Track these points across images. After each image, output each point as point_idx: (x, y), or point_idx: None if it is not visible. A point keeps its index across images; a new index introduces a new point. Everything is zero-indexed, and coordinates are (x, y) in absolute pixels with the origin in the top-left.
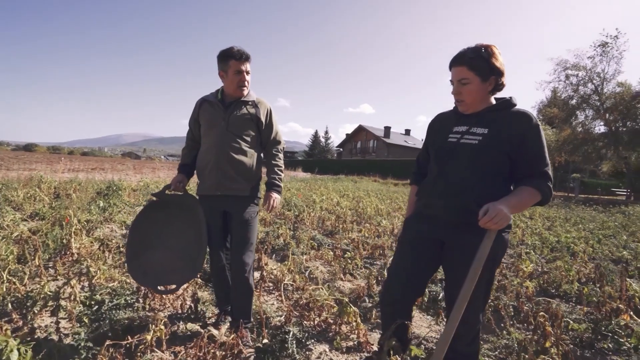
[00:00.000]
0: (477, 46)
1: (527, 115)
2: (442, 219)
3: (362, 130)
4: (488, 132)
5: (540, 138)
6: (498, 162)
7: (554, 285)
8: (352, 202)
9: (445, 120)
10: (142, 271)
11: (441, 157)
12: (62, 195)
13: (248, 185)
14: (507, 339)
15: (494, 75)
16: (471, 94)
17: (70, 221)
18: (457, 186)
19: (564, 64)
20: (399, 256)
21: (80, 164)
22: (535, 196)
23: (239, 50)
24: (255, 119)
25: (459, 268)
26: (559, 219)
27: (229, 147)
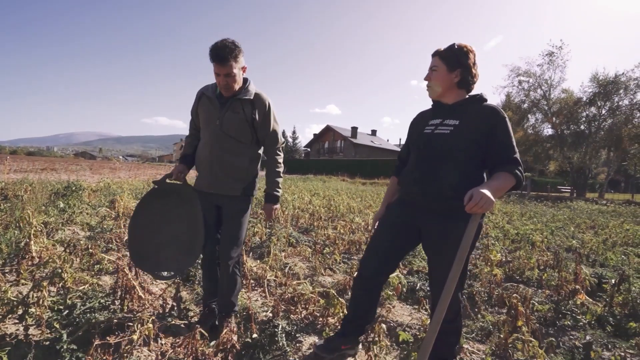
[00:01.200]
0: (454, 43)
1: (495, 109)
2: (421, 206)
3: (329, 131)
4: (459, 123)
5: (507, 129)
6: (469, 151)
7: (518, 272)
8: (323, 200)
9: (424, 117)
10: (141, 256)
11: (418, 147)
12: (11, 196)
13: (239, 185)
14: (482, 322)
15: (460, 69)
16: (437, 80)
17: (28, 222)
18: (432, 174)
19: (517, 70)
20: (378, 236)
21: (27, 164)
22: (510, 180)
23: (216, 50)
24: (250, 118)
25: (439, 252)
26: (515, 214)
27: (221, 148)
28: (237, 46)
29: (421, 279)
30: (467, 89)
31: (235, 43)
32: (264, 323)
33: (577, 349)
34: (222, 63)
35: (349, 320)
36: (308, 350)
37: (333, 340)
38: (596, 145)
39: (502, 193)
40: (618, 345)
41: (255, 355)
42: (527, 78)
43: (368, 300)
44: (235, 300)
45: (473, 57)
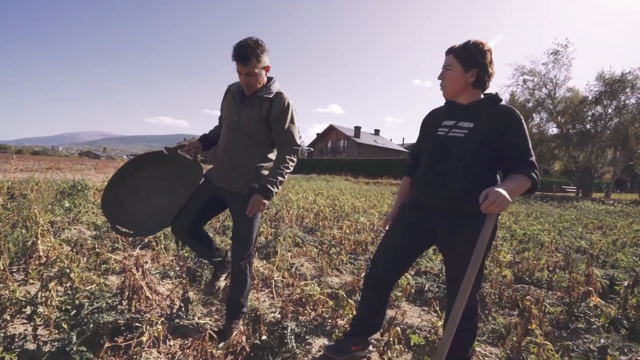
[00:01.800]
0: (469, 40)
1: (510, 111)
2: (434, 207)
3: (332, 130)
4: (474, 125)
5: (523, 131)
6: (483, 154)
7: (527, 273)
8: (327, 200)
9: (436, 116)
10: (112, 207)
11: (431, 149)
12: (17, 195)
13: (246, 184)
14: (494, 324)
15: (476, 68)
16: (451, 80)
17: (35, 221)
18: (446, 177)
19: (521, 69)
20: (389, 235)
21: (33, 164)
22: (526, 183)
23: (236, 49)
24: (265, 117)
25: (454, 252)
26: (521, 214)
27: (234, 143)
28: (259, 45)
29: (429, 280)
30: (483, 88)
31: (258, 42)
32: (273, 324)
33: (592, 353)
34: (243, 62)
35: (359, 320)
36: (318, 352)
37: (343, 342)
38: (602, 145)
39: (517, 195)
40: (634, 348)
41: (264, 357)
42: (531, 77)
43: (378, 301)
44: (244, 301)
45: (490, 55)
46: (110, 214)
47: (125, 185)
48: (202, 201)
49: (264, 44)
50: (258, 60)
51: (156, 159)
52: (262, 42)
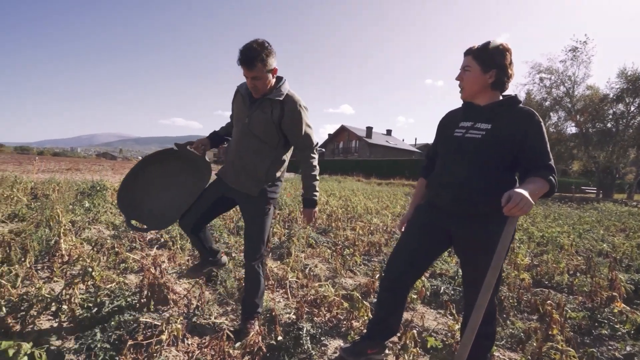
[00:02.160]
0: (489, 41)
1: (529, 113)
2: (449, 209)
3: (344, 131)
4: (491, 127)
5: (542, 134)
6: (500, 156)
7: (547, 276)
8: (339, 201)
9: (453, 117)
10: (128, 203)
11: (447, 151)
12: (40, 195)
13: (256, 186)
14: (512, 328)
15: (495, 69)
16: (469, 81)
17: (58, 221)
18: (462, 178)
19: (538, 67)
20: (405, 237)
21: (53, 165)
22: (544, 186)
23: (242, 53)
24: (277, 120)
25: (471, 256)
26: (539, 215)
27: (245, 146)
28: (265, 48)
29: (444, 282)
30: (502, 89)
31: (264, 45)
32: (288, 325)
33: None
34: (249, 66)
35: (375, 323)
36: (333, 354)
37: (359, 344)
38: (624, 144)
39: (537, 197)
40: None
41: (280, 357)
42: (548, 75)
43: (393, 303)
44: (259, 301)
45: (509, 56)
46: (126, 209)
47: (138, 182)
48: (211, 200)
49: (271, 46)
50: (264, 64)
51: (167, 155)
52: (269, 44)
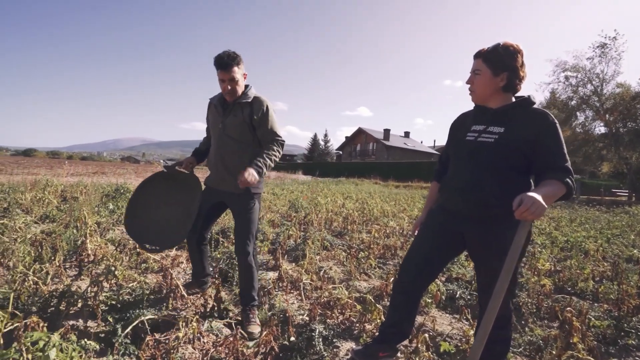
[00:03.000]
0: (499, 43)
1: (543, 115)
2: (462, 213)
3: (361, 133)
4: (504, 131)
5: (557, 136)
6: (514, 159)
7: (569, 283)
8: (356, 203)
9: (466, 120)
10: (137, 230)
11: (460, 154)
12: (69, 198)
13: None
14: (531, 335)
15: (506, 72)
16: (480, 85)
17: (85, 222)
18: (475, 182)
19: (563, 65)
20: (418, 241)
21: (81, 168)
22: (561, 189)
23: (219, 58)
24: (248, 120)
25: (484, 260)
26: (564, 219)
27: (224, 150)
28: (237, 55)
29: (461, 287)
30: (514, 92)
31: (236, 52)
32: (301, 326)
33: None
34: (226, 69)
35: (387, 326)
36: (345, 356)
37: (371, 347)
38: None
39: (552, 201)
40: None
41: (292, 358)
42: (574, 73)
43: (406, 306)
44: (254, 293)
45: (521, 57)
46: (136, 236)
47: (139, 207)
48: (206, 208)
49: (240, 55)
50: (239, 67)
51: (160, 178)
52: (238, 53)
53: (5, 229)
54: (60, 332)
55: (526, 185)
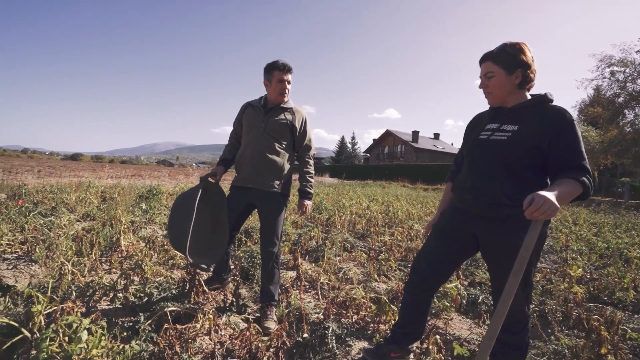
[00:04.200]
0: (504, 43)
1: (560, 112)
2: (474, 213)
3: (389, 135)
4: (518, 129)
5: (574, 134)
6: (528, 158)
7: (606, 292)
8: (381, 206)
9: (480, 120)
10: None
11: (472, 153)
12: (108, 198)
13: (277, 181)
14: (556, 344)
15: (520, 69)
16: (496, 86)
17: (119, 221)
18: (486, 181)
19: (608, 60)
20: (429, 241)
21: (121, 171)
22: (577, 188)
23: (282, 62)
24: (290, 125)
25: (496, 261)
26: (607, 225)
27: (264, 147)
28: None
29: (484, 292)
30: (529, 87)
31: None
32: (315, 324)
33: None
34: (288, 72)
35: (399, 327)
36: (357, 355)
37: (383, 347)
38: None
39: (567, 201)
40: None
41: (305, 354)
42: (622, 67)
43: (417, 307)
44: (274, 290)
45: (529, 51)
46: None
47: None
48: (238, 210)
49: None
50: (292, 74)
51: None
52: None
53: (52, 226)
54: (91, 317)
55: (542, 185)
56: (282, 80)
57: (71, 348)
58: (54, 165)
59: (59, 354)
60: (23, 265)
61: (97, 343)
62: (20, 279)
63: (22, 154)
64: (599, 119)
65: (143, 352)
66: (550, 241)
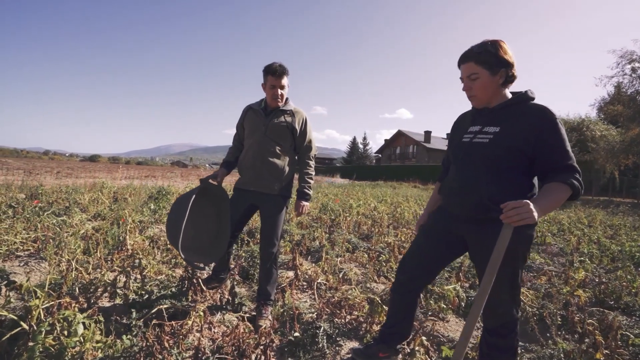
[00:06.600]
0: (484, 41)
1: (541, 110)
2: (461, 216)
3: (401, 136)
4: (499, 130)
5: (557, 132)
6: (511, 159)
7: (613, 296)
8: (389, 207)
9: (464, 121)
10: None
11: (456, 156)
12: (120, 199)
13: (278, 184)
14: (553, 348)
15: (503, 68)
16: (482, 88)
17: (126, 221)
18: (471, 184)
19: (629, 55)
20: (417, 241)
21: (135, 172)
22: (565, 191)
23: (276, 67)
24: (290, 127)
25: (483, 262)
26: (624, 227)
27: (265, 150)
28: (287, 67)
29: None
30: (510, 84)
31: (285, 65)
32: (308, 324)
33: None
34: (280, 77)
35: (387, 327)
36: (347, 354)
37: (371, 347)
38: None
39: (554, 208)
40: None
41: (296, 353)
42: None
43: (403, 306)
44: (271, 290)
45: (508, 48)
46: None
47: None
48: (240, 212)
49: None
50: (287, 77)
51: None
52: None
53: (64, 225)
54: (88, 313)
55: (529, 186)
56: (275, 86)
57: (66, 341)
58: (72, 167)
59: (54, 347)
60: (34, 263)
61: (91, 337)
62: (31, 275)
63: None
64: (620, 117)
65: (134, 347)
66: (561, 243)
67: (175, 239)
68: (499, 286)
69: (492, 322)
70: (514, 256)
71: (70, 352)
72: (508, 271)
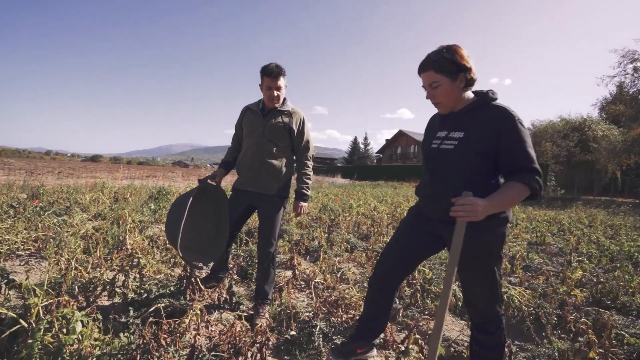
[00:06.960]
0: (440, 48)
1: (504, 111)
2: (435, 219)
3: (402, 136)
4: (464, 135)
5: (517, 134)
6: (477, 164)
7: (610, 296)
8: (390, 207)
9: (433, 125)
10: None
11: (427, 162)
12: (120, 199)
13: (276, 185)
14: (548, 347)
15: (461, 73)
16: (445, 95)
17: (126, 221)
18: (442, 189)
19: (631, 55)
20: (395, 236)
21: (136, 172)
22: (523, 191)
23: (272, 68)
24: (288, 127)
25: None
26: (625, 228)
27: (263, 151)
28: (283, 67)
29: None
30: (470, 88)
31: (282, 65)
32: (305, 322)
33: None
34: (275, 78)
35: (363, 321)
36: None
37: (348, 344)
38: None
39: (508, 206)
40: None
41: (292, 351)
42: None
43: (379, 300)
44: (269, 289)
45: (464, 52)
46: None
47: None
48: (238, 212)
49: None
50: (284, 78)
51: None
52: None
53: (64, 225)
54: (86, 311)
55: (495, 186)
56: (271, 87)
57: (65, 338)
58: (74, 167)
59: (52, 344)
60: (34, 262)
61: (89, 334)
62: (31, 274)
63: (46, 155)
64: (622, 117)
65: (131, 345)
66: (560, 243)
67: (174, 238)
68: (478, 284)
69: (477, 319)
70: (488, 254)
71: (68, 349)
72: (485, 268)
